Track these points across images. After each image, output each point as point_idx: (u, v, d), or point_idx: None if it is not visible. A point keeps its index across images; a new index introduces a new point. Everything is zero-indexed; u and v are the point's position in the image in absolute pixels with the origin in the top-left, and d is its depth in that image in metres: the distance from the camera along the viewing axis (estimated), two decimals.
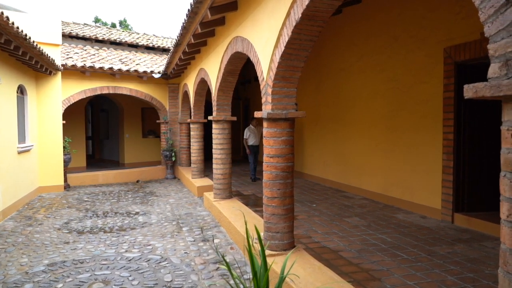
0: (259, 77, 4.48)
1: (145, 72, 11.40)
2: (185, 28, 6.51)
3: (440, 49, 6.10)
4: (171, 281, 4.17)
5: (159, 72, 11.58)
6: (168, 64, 10.22)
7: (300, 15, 3.40)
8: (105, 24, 36.26)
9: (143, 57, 13.46)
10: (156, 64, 12.64)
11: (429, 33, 6.30)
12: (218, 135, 6.93)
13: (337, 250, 4.80)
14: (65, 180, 10.32)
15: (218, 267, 4.53)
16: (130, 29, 35.61)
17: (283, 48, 3.79)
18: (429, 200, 6.39)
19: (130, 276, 4.32)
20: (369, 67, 7.85)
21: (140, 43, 14.53)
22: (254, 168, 10.25)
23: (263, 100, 4.31)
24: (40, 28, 9.36)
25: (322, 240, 5.24)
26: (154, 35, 16.92)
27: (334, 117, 9.21)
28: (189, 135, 11.55)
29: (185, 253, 5.06)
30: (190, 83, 9.81)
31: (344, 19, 8.69)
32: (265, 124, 4.21)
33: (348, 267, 4.26)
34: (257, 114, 4.36)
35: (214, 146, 7.02)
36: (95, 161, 16.10)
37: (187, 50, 7.69)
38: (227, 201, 6.92)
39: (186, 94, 11.05)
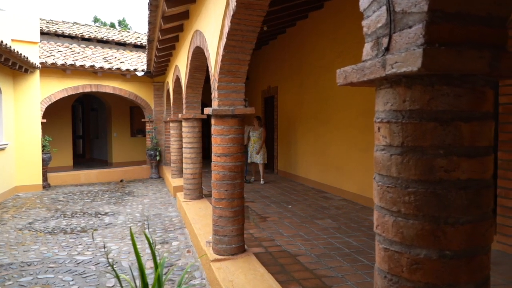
0: (209, 72, 4.25)
1: (128, 70, 11.20)
2: (151, 23, 6.29)
3: None
4: (112, 286, 3.95)
5: (142, 70, 11.38)
6: (148, 62, 10.02)
7: (235, 3, 3.16)
8: (104, 24, 36.15)
9: (129, 55, 13.27)
10: (142, 62, 12.44)
11: None
12: (188, 133, 6.70)
13: (296, 255, 4.54)
14: (45, 179, 10.15)
15: (166, 272, 4.29)
16: (128, 29, 35.45)
17: (225, 40, 3.56)
18: None
19: (72, 280, 4.11)
20: (348, 63, 7.56)
21: (128, 41, 14.34)
22: None
23: (212, 95, 4.07)
24: (17, 26, 9.19)
25: (285, 243, 4.98)
26: (145, 33, 16.72)
27: (316, 116, 8.95)
28: None
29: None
30: (170, 81, 9.60)
31: (326, 14, 8.43)
32: (212, 121, 3.97)
33: (301, 273, 4.00)
34: (206, 111, 4.12)
35: (184, 145, 6.79)
36: (85, 160, 15.96)
37: (159, 46, 7.48)
38: (196, 201, 6.69)
39: (169, 92, 10.84)
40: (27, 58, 8.41)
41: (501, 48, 1.07)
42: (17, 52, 7.73)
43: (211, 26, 4.12)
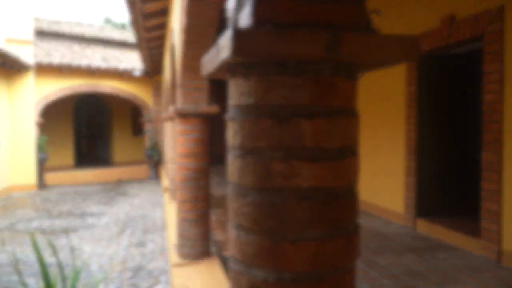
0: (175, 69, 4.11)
1: (125, 69, 11.16)
2: (134, 22, 6.18)
3: None
4: None
5: (140, 70, 11.32)
6: (144, 61, 9.95)
7: None
8: (115, 25, 36.45)
9: (129, 55, 13.25)
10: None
11: (392, 23, 5.78)
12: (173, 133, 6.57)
13: None
14: (41, 179, 10.18)
15: (132, 276, 4.17)
16: None
17: (184, 36, 3.41)
18: (393, 204, 5.88)
19: (36, 283, 4.02)
20: None
21: (129, 41, 14.30)
22: None
23: (176, 94, 3.93)
24: (11, 25, 9.23)
25: None
26: None
27: None
28: None
29: (109, 258, 4.73)
30: (164, 80, 9.52)
31: None
32: (176, 120, 3.83)
33: None
34: (170, 109, 3.98)
35: (170, 144, 6.67)
36: (88, 160, 15.99)
37: (148, 45, 7.38)
38: None
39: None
40: (17, 57, 8.42)
41: (347, 28, 0.89)
42: (5, 51, 7.73)
43: (176, 22, 3.99)
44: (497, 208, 4.07)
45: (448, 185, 5.40)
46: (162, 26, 6.38)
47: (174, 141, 6.47)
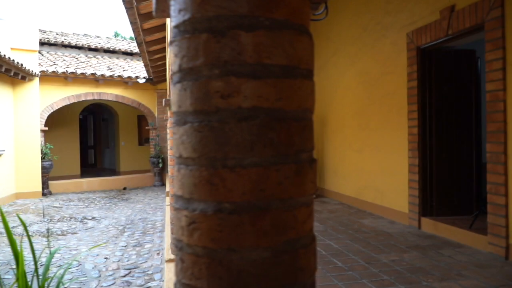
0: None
1: (129, 77, 11.24)
2: (132, 23, 6.21)
3: (403, 34, 5.50)
4: None
5: (144, 78, 11.39)
6: (146, 68, 10.00)
7: None
8: (124, 38, 37.10)
9: (135, 64, 13.38)
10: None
11: (393, 18, 5.72)
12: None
13: None
14: (46, 186, 10.20)
15: (126, 274, 4.08)
16: None
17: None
18: (397, 203, 5.72)
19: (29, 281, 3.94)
20: (342, 61, 7.29)
21: (135, 51, 14.46)
22: None
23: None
24: (16, 35, 9.37)
25: None
26: None
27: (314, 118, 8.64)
28: None
29: (105, 258, 4.65)
30: (168, 87, 9.54)
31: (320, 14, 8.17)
32: (169, 114, 3.77)
33: None
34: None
35: (169, 147, 6.62)
36: (96, 169, 16.10)
37: (149, 50, 7.41)
38: None
39: None
40: (22, 65, 8.51)
41: None
42: (10, 59, 7.82)
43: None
44: (503, 202, 3.91)
45: (452, 181, 5.23)
46: (161, 28, 6.39)
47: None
